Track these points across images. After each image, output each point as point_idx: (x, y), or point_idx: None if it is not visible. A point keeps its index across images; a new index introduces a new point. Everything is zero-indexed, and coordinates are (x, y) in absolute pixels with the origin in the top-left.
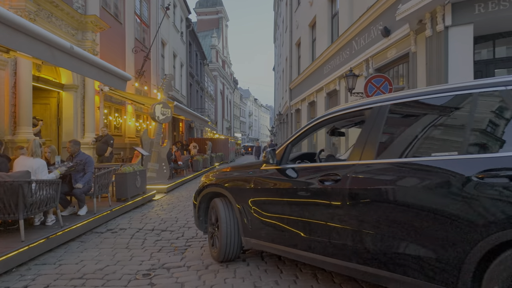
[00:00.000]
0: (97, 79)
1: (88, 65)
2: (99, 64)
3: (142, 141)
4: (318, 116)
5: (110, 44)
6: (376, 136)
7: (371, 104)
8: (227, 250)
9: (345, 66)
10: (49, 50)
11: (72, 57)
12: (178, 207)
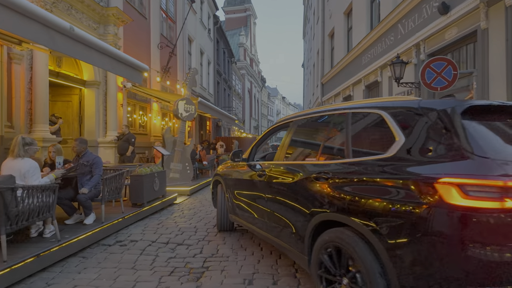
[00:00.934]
0: (108, 68)
1: (96, 52)
2: (109, 51)
3: (165, 140)
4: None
5: (134, 39)
6: (284, 143)
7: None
8: (221, 223)
9: (389, 54)
10: (46, 32)
11: (75, 41)
12: (200, 213)
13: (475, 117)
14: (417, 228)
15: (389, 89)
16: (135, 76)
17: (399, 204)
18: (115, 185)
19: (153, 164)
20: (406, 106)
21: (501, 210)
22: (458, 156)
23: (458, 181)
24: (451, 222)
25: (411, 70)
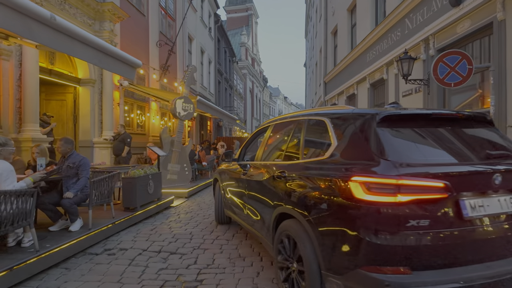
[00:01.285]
0: (95, 62)
1: (81, 44)
2: (96, 43)
3: (162, 140)
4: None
5: (131, 37)
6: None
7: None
8: (218, 217)
9: (396, 50)
10: (21, 20)
11: (57, 32)
12: (197, 217)
13: (389, 124)
14: (336, 217)
15: (396, 86)
16: (126, 71)
17: (325, 198)
18: (104, 188)
19: (147, 165)
20: (341, 113)
21: (395, 203)
22: (368, 159)
23: (363, 180)
24: (358, 212)
25: (420, 66)
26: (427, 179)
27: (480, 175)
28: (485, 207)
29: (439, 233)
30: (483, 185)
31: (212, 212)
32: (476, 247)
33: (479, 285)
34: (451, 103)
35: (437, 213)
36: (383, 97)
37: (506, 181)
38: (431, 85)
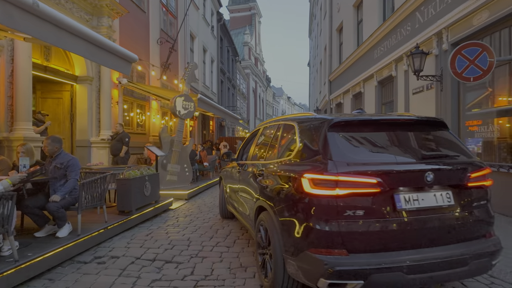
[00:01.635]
0: (86, 55)
1: (69, 35)
2: (86, 34)
3: (161, 140)
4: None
5: (131, 33)
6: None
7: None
8: (222, 212)
9: (405, 46)
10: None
11: (41, 20)
12: (197, 221)
13: (338, 129)
14: (292, 208)
15: (405, 84)
16: (121, 66)
17: (285, 193)
18: (96, 190)
19: (144, 166)
20: (305, 119)
21: (334, 196)
22: (319, 159)
23: (311, 177)
24: (306, 204)
25: (432, 62)
26: (361, 176)
27: (413, 173)
28: (420, 201)
29: (373, 221)
30: (415, 182)
31: (212, 215)
32: (409, 235)
33: (407, 267)
34: (466, 100)
35: (372, 205)
36: (391, 95)
37: (440, 179)
38: (445, 82)
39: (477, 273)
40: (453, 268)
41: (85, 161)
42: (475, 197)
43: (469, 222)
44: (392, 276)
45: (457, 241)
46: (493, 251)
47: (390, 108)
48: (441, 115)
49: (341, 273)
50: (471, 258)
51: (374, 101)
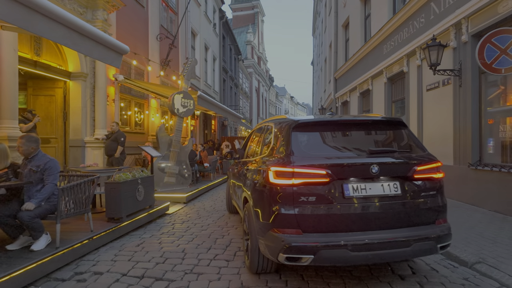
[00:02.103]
0: (68, 44)
1: (45, 19)
2: (66, 20)
3: (159, 139)
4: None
5: (129, 28)
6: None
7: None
8: (228, 207)
9: (419, 39)
10: None
11: (10, 0)
12: (194, 228)
13: (301, 129)
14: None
15: (418, 80)
16: (110, 57)
17: (259, 183)
18: (79, 196)
19: (137, 167)
20: (280, 121)
21: (291, 185)
22: (283, 154)
23: (274, 169)
24: (270, 191)
25: (449, 55)
26: (313, 168)
27: (359, 166)
28: (367, 190)
29: (324, 206)
30: (362, 173)
31: (211, 222)
32: (356, 219)
33: (352, 245)
34: (489, 96)
35: (323, 192)
36: (402, 92)
37: (386, 171)
38: (464, 76)
39: (421, 254)
40: (396, 248)
41: (79, 162)
42: (423, 188)
43: (415, 210)
44: (337, 252)
45: (403, 226)
46: (439, 236)
47: (401, 106)
48: (460, 112)
49: (295, 249)
50: (414, 241)
51: (383, 99)
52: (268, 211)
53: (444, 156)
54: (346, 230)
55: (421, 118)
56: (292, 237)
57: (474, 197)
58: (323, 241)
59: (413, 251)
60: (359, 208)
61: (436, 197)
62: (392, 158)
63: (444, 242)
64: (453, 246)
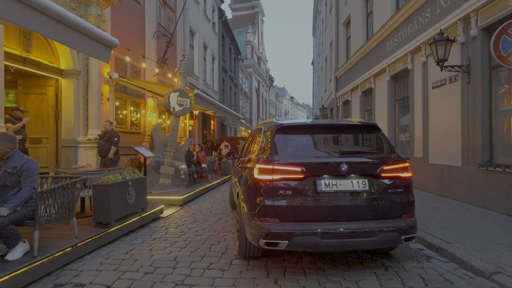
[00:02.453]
0: (48, 34)
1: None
2: (45, 7)
3: (154, 139)
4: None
5: (125, 25)
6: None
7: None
8: (231, 203)
9: (424, 34)
10: None
11: None
12: (188, 233)
13: (283, 132)
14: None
15: (423, 77)
16: (97, 51)
17: (247, 179)
18: (62, 200)
19: (128, 168)
20: (268, 124)
21: (271, 180)
22: (267, 153)
23: (258, 166)
24: (255, 186)
25: (456, 51)
26: (289, 166)
27: (330, 165)
28: (338, 185)
29: (298, 199)
30: (333, 171)
31: (207, 226)
32: (327, 210)
33: (322, 233)
34: (499, 92)
35: (298, 187)
36: (406, 90)
37: (355, 169)
38: (473, 73)
39: (385, 244)
40: (362, 238)
41: (71, 162)
42: (390, 185)
43: (382, 204)
44: (308, 239)
45: (370, 218)
46: (404, 228)
47: (405, 104)
48: (468, 110)
49: (273, 235)
50: (379, 231)
51: (386, 98)
52: (253, 203)
53: (451, 156)
54: (317, 220)
55: (426, 117)
56: (271, 225)
57: (485, 199)
58: (297, 229)
59: (378, 241)
60: (330, 201)
61: (403, 194)
62: (360, 158)
63: (408, 234)
64: (467, 253)
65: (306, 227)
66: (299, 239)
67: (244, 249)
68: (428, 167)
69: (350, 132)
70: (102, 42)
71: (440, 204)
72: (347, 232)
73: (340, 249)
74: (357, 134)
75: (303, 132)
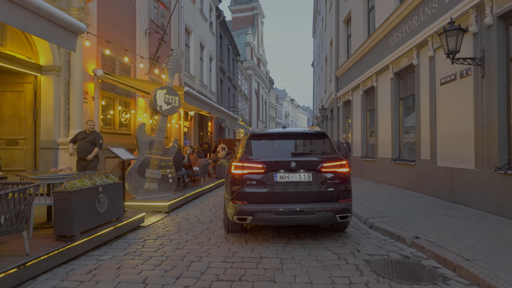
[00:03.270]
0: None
1: None
2: None
3: (138, 140)
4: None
5: (113, 20)
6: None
7: None
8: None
9: (431, 27)
10: None
11: None
12: (168, 246)
13: (254, 138)
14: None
15: (431, 73)
16: (57, 35)
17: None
18: (7, 210)
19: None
20: (248, 131)
21: (242, 174)
22: (244, 154)
23: (234, 164)
24: (231, 178)
25: (469, 42)
26: (254, 163)
27: (283, 162)
28: (289, 178)
29: (261, 187)
30: (285, 167)
31: (191, 237)
32: (281, 195)
33: (275, 211)
34: None
35: (260, 179)
36: (411, 88)
37: (302, 166)
38: (487, 65)
39: (323, 220)
40: (305, 215)
41: (50, 165)
42: (329, 178)
43: (322, 191)
44: (266, 215)
45: (313, 201)
46: (338, 210)
47: (410, 103)
48: (483, 107)
49: (242, 212)
50: (318, 211)
51: (389, 96)
52: (230, 190)
53: (463, 158)
54: (273, 202)
55: (434, 116)
56: (241, 206)
57: (503, 206)
58: (258, 208)
59: (317, 218)
60: (283, 189)
61: (340, 184)
62: (307, 158)
63: (342, 214)
64: (493, 274)
65: (265, 207)
66: (259, 215)
67: (227, 225)
68: (437, 170)
69: (304, 138)
70: (64, 26)
71: (452, 211)
72: (294, 210)
73: (289, 223)
74: (309, 140)
75: (269, 138)
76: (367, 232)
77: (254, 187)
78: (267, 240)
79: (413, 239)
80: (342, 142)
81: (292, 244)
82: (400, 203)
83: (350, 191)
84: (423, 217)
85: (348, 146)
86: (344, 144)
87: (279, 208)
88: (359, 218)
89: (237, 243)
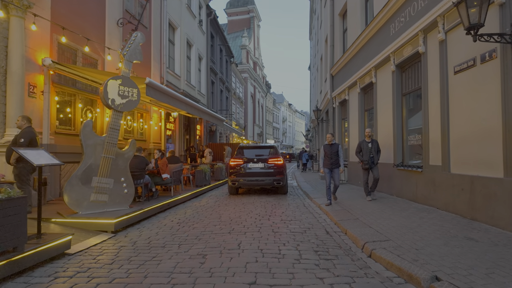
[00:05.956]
0: None
1: None
2: None
3: (82, 141)
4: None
5: (74, 7)
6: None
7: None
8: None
9: (441, 5)
10: None
11: None
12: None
13: (240, 148)
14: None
15: (441, 60)
16: None
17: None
18: None
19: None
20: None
21: (233, 165)
22: (235, 155)
23: (231, 159)
24: (230, 166)
25: (493, 16)
26: (238, 160)
27: (251, 159)
28: (254, 166)
29: (241, 171)
30: (252, 161)
31: (123, 274)
32: (251, 174)
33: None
34: None
35: (241, 167)
36: (417, 81)
37: (259, 160)
38: None
39: (268, 184)
40: (260, 181)
41: None
42: (272, 166)
43: (269, 172)
44: (243, 182)
45: (264, 176)
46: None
47: (415, 99)
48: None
49: (234, 181)
50: (267, 180)
51: (391, 92)
52: (228, 172)
53: (486, 164)
54: (247, 176)
55: (446, 112)
56: (233, 179)
57: None
58: (240, 179)
59: (265, 182)
60: (251, 171)
61: (278, 169)
62: (262, 157)
63: (277, 182)
64: None
65: (243, 178)
66: (241, 182)
67: (229, 190)
68: (451, 178)
69: (263, 148)
70: None
71: (476, 232)
72: (256, 180)
73: (254, 185)
74: (266, 149)
75: (247, 148)
76: (365, 264)
77: (238, 171)
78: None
79: (431, 281)
80: (365, 141)
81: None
82: (407, 219)
83: (282, 172)
84: (439, 241)
85: (375, 147)
86: (368, 144)
87: (250, 179)
88: (354, 241)
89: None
